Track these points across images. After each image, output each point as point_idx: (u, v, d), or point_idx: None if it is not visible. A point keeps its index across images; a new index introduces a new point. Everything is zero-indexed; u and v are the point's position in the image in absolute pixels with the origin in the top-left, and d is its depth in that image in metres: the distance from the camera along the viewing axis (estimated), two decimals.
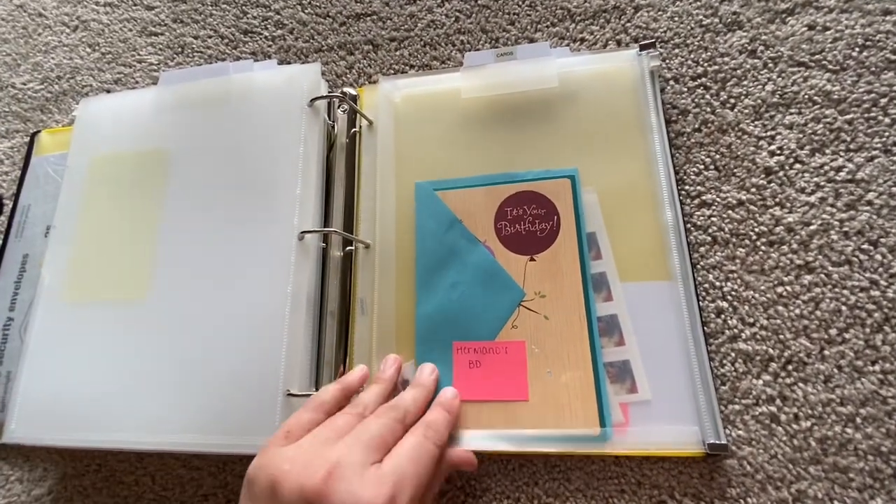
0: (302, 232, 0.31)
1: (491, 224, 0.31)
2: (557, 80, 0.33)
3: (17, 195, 0.41)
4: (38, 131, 0.43)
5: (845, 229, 0.29)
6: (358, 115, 0.36)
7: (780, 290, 0.29)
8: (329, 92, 0.36)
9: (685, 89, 0.33)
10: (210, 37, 0.44)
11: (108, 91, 0.44)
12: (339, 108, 0.36)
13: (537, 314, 0.29)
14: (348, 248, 0.33)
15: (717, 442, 0.26)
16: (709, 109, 0.33)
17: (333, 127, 0.36)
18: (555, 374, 0.28)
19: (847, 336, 0.27)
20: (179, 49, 0.44)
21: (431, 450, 0.24)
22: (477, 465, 0.27)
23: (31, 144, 0.43)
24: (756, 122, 0.32)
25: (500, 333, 0.29)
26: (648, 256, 0.29)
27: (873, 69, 0.31)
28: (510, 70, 0.34)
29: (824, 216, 0.29)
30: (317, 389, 0.30)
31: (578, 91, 0.33)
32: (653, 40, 0.34)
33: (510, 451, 0.28)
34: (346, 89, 0.36)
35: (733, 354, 0.28)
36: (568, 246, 0.30)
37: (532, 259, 0.30)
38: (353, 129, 0.35)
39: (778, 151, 0.31)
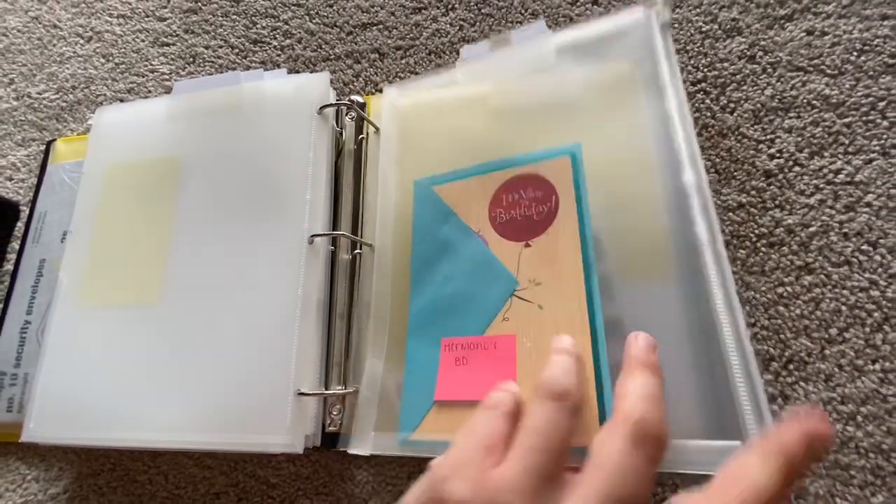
0: (312, 236, 0.32)
1: (486, 213, 0.30)
2: (555, 57, 0.31)
3: (33, 202, 0.42)
4: (54, 140, 0.44)
5: (845, 231, 0.29)
6: (365, 121, 0.36)
7: (780, 290, 0.29)
8: (337, 100, 0.37)
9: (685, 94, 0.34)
10: (220, 47, 0.45)
11: (122, 100, 0.46)
12: (346, 115, 0.37)
13: (531, 304, 0.27)
14: (356, 251, 0.34)
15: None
16: (709, 114, 0.33)
17: (341, 133, 0.37)
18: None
19: (847, 335, 0.28)
20: (191, 59, 0.45)
21: (643, 469, 0.17)
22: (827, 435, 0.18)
23: (46, 153, 0.44)
24: (755, 126, 0.32)
25: (491, 327, 0.27)
26: (653, 256, 0.27)
27: (871, 73, 0.32)
28: (507, 55, 0.33)
29: (824, 218, 0.30)
30: (326, 388, 0.31)
31: (580, 64, 0.30)
32: None
33: None
34: (353, 97, 0.37)
35: None
36: (567, 226, 0.27)
37: (527, 245, 0.28)
38: (360, 136, 0.36)
39: (777, 154, 0.32)
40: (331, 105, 0.35)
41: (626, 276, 0.27)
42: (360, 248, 0.34)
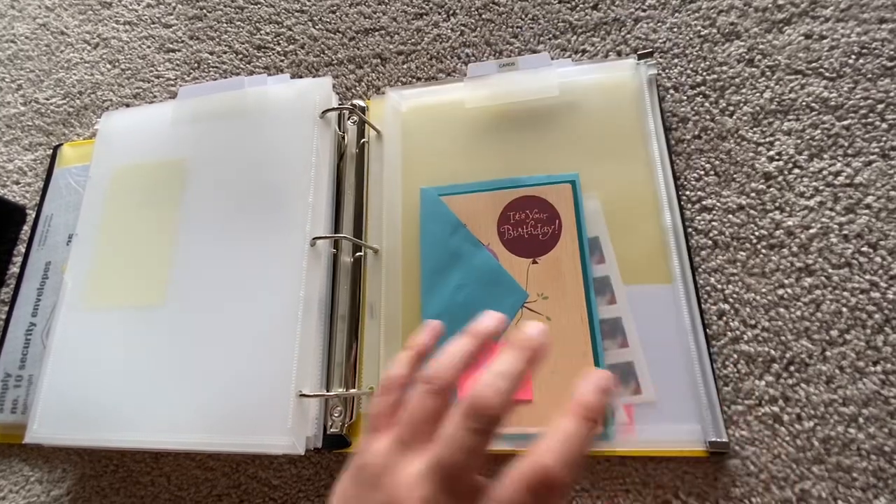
0: (314, 238, 0.32)
1: (494, 228, 0.32)
2: (558, 90, 0.34)
3: (40, 205, 0.42)
4: (61, 144, 0.45)
5: (844, 232, 0.30)
6: (367, 125, 0.37)
7: (780, 292, 0.29)
8: (339, 104, 0.38)
9: (685, 98, 0.34)
10: (225, 52, 0.46)
11: (128, 105, 0.46)
12: (348, 119, 0.37)
13: (540, 315, 0.30)
14: (358, 253, 0.34)
15: (718, 440, 0.26)
16: (708, 117, 0.34)
17: (343, 137, 0.37)
18: (558, 374, 0.29)
19: (848, 337, 0.28)
20: (196, 65, 0.46)
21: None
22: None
23: (53, 157, 0.44)
24: (755, 129, 0.33)
25: (504, 336, 0.30)
26: (650, 260, 0.30)
27: (869, 76, 0.32)
28: (512, 80, 0.35)
29: (823, 220, 0.30)
30: (328, 390, 0.31)
31: (579, 100, 0.34)
32: (651, 50, 0.35)
33: (514, 451, 0.28)
34: (355, 101, 0.38)
35: (736, 356, 0.29)
36: (569, 249, 0.31)
37: (534, 262, 0.31)
38: (363, 140, 0.37)
39: (777, 157, 0.32)
40: (333, 109, 0.36)
41: (625, 281, 0.30)
42: (363, 251, 0.34)
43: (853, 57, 0.33)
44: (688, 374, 0.27)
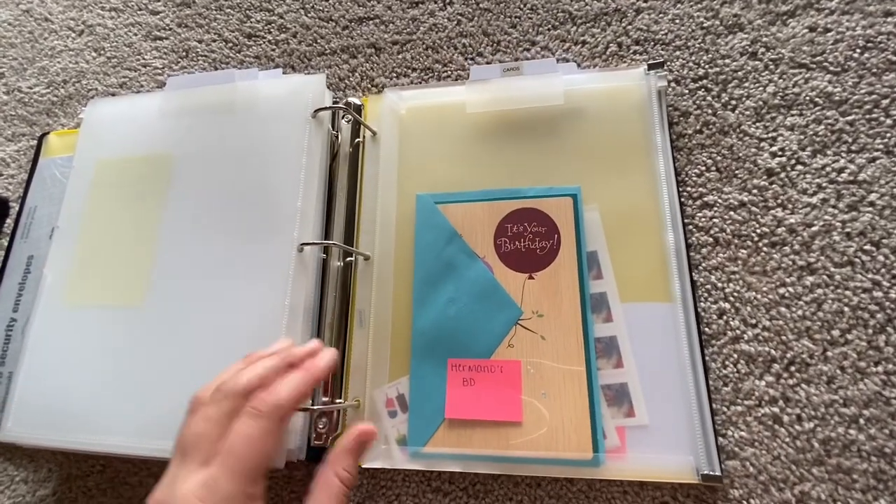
0: (301, 244, 0.31)
1: (490, 240, 0.31)
2: (563, 98, 0.33)
3: (23, 197, 0.41)
4: (47, 133, 0.44)
5: (847, 230, 0.29)
6: (361, 125, 0.36)
7: (782, 291, 0.29)
8: (333, 100, 0.36)
9: (686, 91, 0.34)
10: (214, 41, 0.44)
11: (114, 95, 0.45)
12: (342, 118, 0.36)
13: (534, 334, 0.29)
14: (348, 258, 0.33)
15: (711, 473, 0.25)
16: (710, 111, 0.33)
17: (337, 137, 0.36)
18: (550, 396, 0.28)
19: (850, 337, 0.27)
20: (184, 53, 0.45)
21: (254, 428, 0.22)
22: (375, 433, 0.25)
23: (38, 146, 0.43)
24: (757, 124, 0.32)
25: (496, 352, 0.29)
26: (650, 277, 0.29)
27: (874, 70, 0.31)
28: (516, 86, 0.34)
29: (826, 217, 0.29)
30: (312, 402, 0.30)
31: (584, 108, 0.32)
32: (662, 60, 0.34)
33: (504, 474, 0.28)
34: (350, 100, 0.36)
35: (735, 356, 0.28)
36: (568, 265, 0.29)
37: (531, 277, 0.30)
38: (357, 140, 0.36)
39: (779, 153, 0.31)
40: (326, 108, 0.34)
41: (623, 298, 0.29)
42: (353, 256, 0.33)
43: (858, 51, 0.32)
44: (683, 399, 0.26)
